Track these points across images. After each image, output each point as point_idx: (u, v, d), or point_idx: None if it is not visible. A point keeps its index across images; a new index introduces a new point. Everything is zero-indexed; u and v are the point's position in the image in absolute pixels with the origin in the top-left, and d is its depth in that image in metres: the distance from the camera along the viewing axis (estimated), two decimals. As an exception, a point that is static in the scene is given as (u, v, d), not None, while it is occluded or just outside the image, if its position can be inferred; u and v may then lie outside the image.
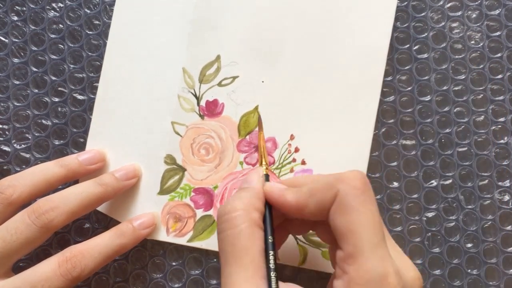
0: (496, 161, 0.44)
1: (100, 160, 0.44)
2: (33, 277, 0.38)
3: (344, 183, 0.32)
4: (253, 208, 0.34)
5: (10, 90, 0.46)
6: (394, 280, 0.30)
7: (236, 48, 0.45)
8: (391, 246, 0.34)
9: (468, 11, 0.45)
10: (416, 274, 0.33)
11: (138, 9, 0.46)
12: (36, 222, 0.38)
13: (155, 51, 0.45)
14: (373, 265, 0.30)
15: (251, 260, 0.32)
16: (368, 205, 0.32)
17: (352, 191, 0.32)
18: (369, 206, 0.32)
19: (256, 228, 0.33)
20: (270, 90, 0.45)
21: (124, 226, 0.42)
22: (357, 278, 0.30)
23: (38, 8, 0.46)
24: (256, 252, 0.32)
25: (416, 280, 0.33)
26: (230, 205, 0.34)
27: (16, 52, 0.46)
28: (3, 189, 0.39)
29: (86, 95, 0.46)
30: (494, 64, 0.45)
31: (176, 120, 0.45)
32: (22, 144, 0.46)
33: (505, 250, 0.44)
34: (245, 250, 0.32)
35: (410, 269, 0.33)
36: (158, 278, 0.45)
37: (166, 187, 0.45)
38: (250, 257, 0.32)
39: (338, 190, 0.32)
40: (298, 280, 0.44)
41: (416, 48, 0.45)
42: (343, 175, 0.33)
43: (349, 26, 0.45)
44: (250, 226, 0.33)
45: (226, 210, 0.34)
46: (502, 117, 0.45)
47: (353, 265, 0.30)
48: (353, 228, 0.31)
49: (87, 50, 0.46)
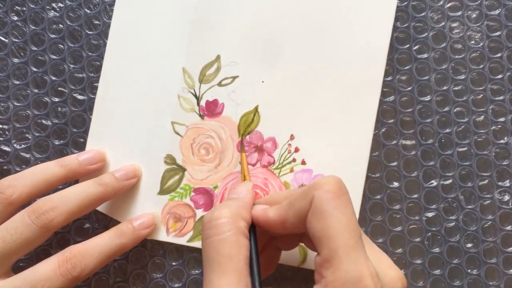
0: (496, 161, 0.44)
1: (100, 160, 0.44)
2: (33, 277, 0.38)
3: (318, 189, 0.32)
4: (240, 217, 0.34)
5: (10, 90, 0.46)
6: (371, 283, 0.30)
7: (236, 48, 0.45)
8: (370, 248, 0.34)
9: (468, 11, 0.45)
10: (397, 274, 0.33)
11: (138, 9, 0.46)
12: (36, 222, 0.38)
13: (155, 51, 0.45)
14: (349, 268, 0.30)
15: (235, 267, 0.32)
16: (342, 208, 0.32)
17: (325, 195, 0.32)
18: (344, 209, 0.32)
19: (242, 236, 0.33)
20: (270, 90, 0.45)
21: (124, 226, 0.42)
22: (333, 282, 0.30)
23: (38, 8, 0.46)
24: (241, 261, 0.32)
25: (398, 281, 0.33)
26: (217, 212, 0.34)
27: (16, 52, 0.46)
28: (3, 189, 0.39)
29: (86, 95, 0.46)
30: (494, 64, 0.45)
31: (176, 120, 0.45)
32: (22, 144, 0.46)
33: (505, 250, 0.44)
34: (229, 257, 0.32)
35: (391, 270, 0.33)
36: (158, 278, 0.45)
37: (166, 187, 0.45)
38: (234, 265, 0.32)
39: (313, 196, 0.32)
40: (298, 280, 0.44)
41: (416, 48, 0.45)
42: (318, 181, 0.33)
43: (349, 26, 0.45)
44: (236, 234, 0.33)
45: (213, 217, 0.34)
46: (502, 117, 0.45)
47: (329, 268, 0.30)
48: (327, 232, 0.31)
49: (87, 50, 0.46)
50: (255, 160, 0.44)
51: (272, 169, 0.44)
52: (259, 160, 0.44)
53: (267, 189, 0.44)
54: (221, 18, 0.45)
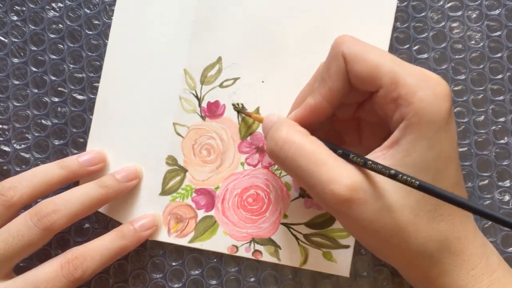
0: (496, 161, 0.44)
1: (101, 161, 0.44)
2: (35, 278, 0.38)
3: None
4: (295, 127, 0.34)
5: (10, 90, 0.46)
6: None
7: (237, 49, 0.45)
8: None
9: (468, 11, 0.45)
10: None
11: (139, 10, 0.45)
12: (38, 225, 0.38)
13: (156, 52, 0.45)
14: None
15: (328, 156, 0.32)
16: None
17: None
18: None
19: (311, 136, 0.33)
20: (271, 91, 0.45)
21: (126, 228, 0.42)
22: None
23: (38, 8, 0.46)
24: (326, 149, 0.32)
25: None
26: (278, 136, 0.34)
27: (15, 52, 0.46)
28: (4, 191, 0.39)
29: (86, 95, 0.46)
30: (494, 64, 0.45)
31: (178, 121, 0.45)
32: (22, 144, 0.46)
33: (505, 250, 0.44)
34: (315, 155, 0.32)
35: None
36: (158, 278, 0.45)
37: (168, 188, 0.45)
38: (324, 154, 0.32)
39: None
40: (299, 281, 0.44)
41: (416, 48, 0.45)
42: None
43: (349, 26, 0.44)
44: (305, 135, 0.33)
45: (279, 143, 0.34)
46: (502, 117, 0.45)
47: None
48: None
49: (87, 50, 0.46)
50: (256, 161, 0.44)
51: (273, 170, 0.44)
52: (260, 161, 0.44)
53: (268, 189, 0.44)
54: (222, 19, 0.45)
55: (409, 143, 0.31)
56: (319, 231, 0.44)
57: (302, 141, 0.33)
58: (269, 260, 0.44)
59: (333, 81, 0.34)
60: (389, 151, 0.32)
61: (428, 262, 0.33)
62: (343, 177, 0.31)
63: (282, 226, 0.44)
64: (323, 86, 0.34)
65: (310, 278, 0.44)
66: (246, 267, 0.45)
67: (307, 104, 0.35)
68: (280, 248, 0.44)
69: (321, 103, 0.34)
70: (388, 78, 0.31)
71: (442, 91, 0.31)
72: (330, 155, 0.32)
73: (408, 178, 0.29)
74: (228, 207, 0.44)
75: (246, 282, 0.44)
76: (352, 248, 0.43)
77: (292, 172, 0.33)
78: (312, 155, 0.32)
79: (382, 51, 0.33)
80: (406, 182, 0.30)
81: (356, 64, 0.32)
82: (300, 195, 0.44)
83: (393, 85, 0.31)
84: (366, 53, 0.33)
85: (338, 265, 0.43)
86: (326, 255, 0.43)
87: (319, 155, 0.32)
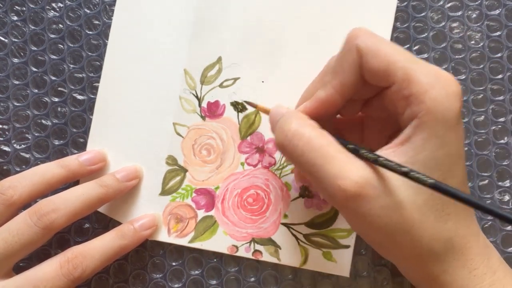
0: (496, 161, 0.44)
1: (101, 161, 0.44)
2: (35, 277, 0.38)
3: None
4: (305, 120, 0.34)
5: (10, 90, 0.46)
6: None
7: (237, 50, 0.45)
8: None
9: (468, 11, 0.45)
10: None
11: (139, 10, 0.45)
12: (38, 224, 0.38)
13: (156, 52, 0.45)
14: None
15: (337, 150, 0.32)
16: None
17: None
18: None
19: (321, 130, 0.33)
20: (271, 91, 0.45)
21: (125, 228, 0.42)
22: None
23: (38, 8, 0.46)
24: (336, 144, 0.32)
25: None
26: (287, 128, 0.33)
27: (15, 52, 0.46)
28: (4, 190, 0.39)
29: (86, 95, 0.46)
30: (494, 64, 0.45)
31: (178, 121, 0.45)
32: (22, 144, 0.46)
33: (505, 250, 0.44)
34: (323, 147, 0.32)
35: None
36: (158, 278, 0.45)
37: (168, 188, 0.45)
38: (333, 148, 0.32)
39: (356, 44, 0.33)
40: (299, 281, 0.44)
41: (416, 48, 0.45)
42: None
43: (349, 26, 0.44)
44: (315, 129, 0.33)
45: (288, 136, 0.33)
46: (502, 117, 0.45)
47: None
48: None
49: (87, 50, 0.46)
50: (256, 161, 0.44)
51: (273, 170, 0.44)
52: (260, 161, 0.44)
53: (268, 189, 0.44)
54: (222, 19, 0.45)
55: (421, 141, 0.31)
56: (319, 231, 0.44)
57: (312, 135, 0.32)
58: (269, 260, 0.44)
59: (346, 74, 0.33)
60: (400, 148, 0.32)
61: (432, 260, 0.33)
62: (352, 173, 0.31)
63: (282, 226, 0.44)
64: (336, 78, 0.34)
65: (310, 278, 0.44)
66: (246, 267, 0.45)
67: (318, 97, 0.35)
68: (280, 248, 0.44)
69: (333, 96, 0.34)
70: (401, 75, 0.31)
71: (454, 91, 0.31)
72: (339, 149, 0.32)
73: (421, 176, 0.29)
74: (228, 207, 0.44)
75: (246, 282, 0.44)
76: (352, 248, 0.43)
77: (300, 165, 0.33)
78: (321, 149, 0.32)
79: (397, 46, 0.33)
80: (418, 180, 0.30)
81: (370, 58, 0.32)
82: (300, 195, 0.44)
83: (405, 82, 0.31)
84: (381, 47, 0.32)
85: (338, 265, 0.43)
86: (326, 255, 0.43)
87: (328, 149, 0.32)
